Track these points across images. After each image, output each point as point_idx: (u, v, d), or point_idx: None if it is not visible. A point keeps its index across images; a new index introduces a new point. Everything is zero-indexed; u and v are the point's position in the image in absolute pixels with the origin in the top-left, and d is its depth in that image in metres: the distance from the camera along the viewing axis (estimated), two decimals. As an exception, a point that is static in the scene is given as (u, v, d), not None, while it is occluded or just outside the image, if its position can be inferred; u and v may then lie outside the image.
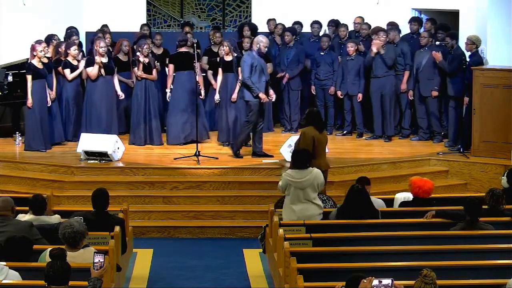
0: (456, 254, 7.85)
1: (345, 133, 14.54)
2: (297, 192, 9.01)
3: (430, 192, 9.28)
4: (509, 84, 12.34)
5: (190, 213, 11.33)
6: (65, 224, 7.27)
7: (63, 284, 6.21)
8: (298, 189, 9.00)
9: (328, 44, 14.51)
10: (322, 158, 10.39)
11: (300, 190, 9.00)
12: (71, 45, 13.50)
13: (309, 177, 9.02)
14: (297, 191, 9.01)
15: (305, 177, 9.00)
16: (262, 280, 9.45)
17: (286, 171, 9.27)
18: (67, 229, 7.21)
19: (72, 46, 13.43)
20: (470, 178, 12.42)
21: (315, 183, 9.03)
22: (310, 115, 10.44)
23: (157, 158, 12.64)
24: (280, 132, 14.76)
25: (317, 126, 10.33)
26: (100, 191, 8.64)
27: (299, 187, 9.00)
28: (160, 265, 9.95)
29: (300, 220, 8.88)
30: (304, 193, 9.00)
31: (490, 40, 13.59)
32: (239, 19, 17.03)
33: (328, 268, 7.54)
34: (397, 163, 12.57)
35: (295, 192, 9.01)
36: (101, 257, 6.53)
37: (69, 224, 7.25)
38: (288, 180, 9.04)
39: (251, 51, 12.45)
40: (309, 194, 9.01)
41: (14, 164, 12.30)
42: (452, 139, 13.34)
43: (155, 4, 17.07)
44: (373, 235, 8.42)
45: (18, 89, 13.59)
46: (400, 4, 15.50)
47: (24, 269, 7.03)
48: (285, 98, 14.77)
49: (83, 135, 12.59)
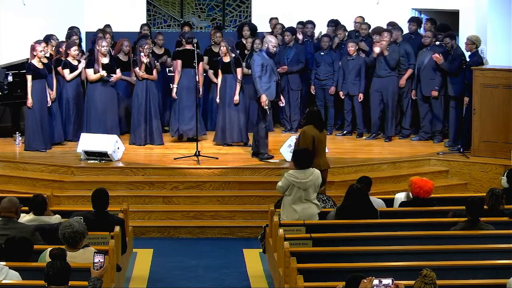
0: (456, 254, 7.85)
1: (345, 133, 14.54)
2: (299, 193, 9.01)
3: (431, 192, 9.29)
4: (509, 84, 12.34)
5: (190, 213, 11.34)
6: (65, 224, 7.26)
7: (63, 284, 6.21)
8: (301, 190, 9.01)
9: (328, 44, 14.51)
10: (322, 157, 10.39)
11: (302, 191, 9.01)
12: (71, 45, 13.50)
13: (312, 178, 9.03)
14: (300, 192, 9.01)
15: (308, 177, 9.01)
16: (262, 280, 9.45)
17: (287, 171, 9.26)
18: (67, 229, 7.20)
19: (73, 47, 13.44)
20: (470, 178, 12.42)
21: (316, 183, 9.05)
22: (310, 114, 10.44)
23: (157, 158, 12.64)
24: (280, 132, 14.75)
25: (317, 125, 10.31)
26: (100, 191, 8.64)
27: (302, 188, 9.00)
28: (160, 265, 9.95)
29: (301, 219, 8.89)
30: (306, 194, 9.01)
31: (490, 40, 13.60)
32: (239, 19, 17.03)
33: (328, 268, 7.54)
34: (397, 163, 12.57)
35: (298, 192, 9.01)
36: (101, 257, 6.52)
37: (69, 224, 7.24)
38: (292, 181, 9.03)
39: (260, 51, 12.42)
40: (310, 194, 9.03)
41: (14, 164, 12.30)
42: (452, 139, 13.34)
43: (155, 4, 17.07)
44: (373, 235, 8.42)
45: (18, 89, 13.59)
46: (400, 4, 15.50)
47: (24, 269, 7.03)
48: (285, 98, 14.74)
49: (83, 135, 12.59)
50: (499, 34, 13.59)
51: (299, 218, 8.93)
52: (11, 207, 7.89)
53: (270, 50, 12.24)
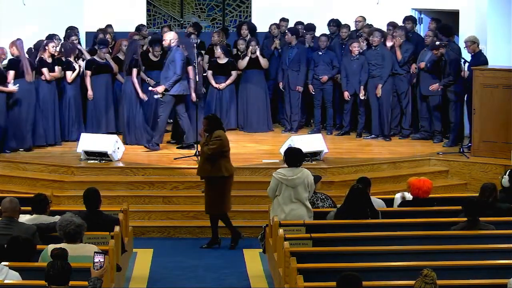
0: (456, 254, 7.85)
1: (343, 133, 14.52)
2: (288, 191, 9.02)
3: (429, 191, 9.29)
4: (509, 84, 12.34)
5: (190, 213, 11.34)
6: (65, 222, 7.29)
7: (64, 284, 6.22)
8: (289, 188, 9.02)
9: (326, 43, 14.49)
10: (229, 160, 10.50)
11: (291, 189, 9.02)
12: (49, 42, 13.33)
13: (300, 175, 9.04)
14: (289, 190, 9.02)
15: (297, 175, 9.03)
16: (262, 280, 9.45)
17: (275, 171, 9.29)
18: (69, 226, 7.26)
19: (51, 43, 13.29)
20: (470, 178, 12.41)
21: (306, 181, 9.04)
22: (212, 120, 10.42)
23: (157, 158, 12.64)
24: (280, 132, 14.75)
25: (223, 128, 10.48)
26: (91, 190, 8.63)
27: (290, 185, 9.01)
28: (160, 265, 9.95)
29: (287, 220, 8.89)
30: (295, 192, 9.01)
31: (490, 40, 13.60)
32: (239, 19, 17.04)
33: (328, 268, 7.54)
34: (397, 163, 12.57)
35: (287, 191, 9.02)
36: (101, 257, 6.53)
37: (69, 221, 7.29)
38: (279, 178, 9.05)
39: (178, 47, 12.73)
40: (301, 193, 9.02)
41: (14, 164, 12.30)
42: (452, 139, 13.35)
43: (155, 4, 17.08)
44: (373, 235, 8.42)
45: (18, 89, 13.56)
46: (400, 4, 15.49)
47: (25, 269, 7.03)
48: (285, 98, 14.76)
49: (83, 135, 12.60)
50: (499, 34, 13.58)
51: (285, 218, 8.94)
52: (14, 207, 7.93)
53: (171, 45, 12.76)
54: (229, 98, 14.62)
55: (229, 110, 14.65)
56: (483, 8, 13.78)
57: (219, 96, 14.54)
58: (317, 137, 12.70)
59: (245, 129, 14.72)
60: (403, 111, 14.21)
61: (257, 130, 14.64)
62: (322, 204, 9.48)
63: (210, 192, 10.35)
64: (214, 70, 14.41)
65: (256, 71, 14.59)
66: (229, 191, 10.40)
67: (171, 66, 12.66)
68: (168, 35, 12.98)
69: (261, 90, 14.68)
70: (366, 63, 14.06)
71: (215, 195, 10.29)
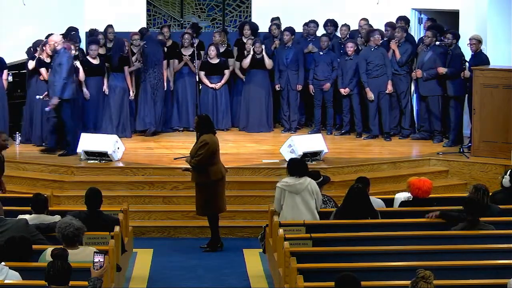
0: (456, 254, 7.85)
1: (343, 133, 14.52)
2: (292, 197, 9.01)
3: (429, 191, 9.29)
4: (509, 84, 12.34)
5: (190, 213, 11.32)
6: (64, 225, 7.29)
7: (64, 284, 6.22)
8: (293, 194, 9.01)
9: (327, 43, 14.50)
10: (220, 162, 10.43)
11: (295, 195, 9.01)
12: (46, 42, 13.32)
13: (303, 181, 9.06)
14: (292, 197, 9.01)
15: (298, 181, 9.04)
16: (262, 280, 9.45)
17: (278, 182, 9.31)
18: (68, 229, 7.24)
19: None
20: (470, 178, 12.40)
21: (310, 188, 9.04)
22: (203, 120, 10.36)
23: (157, 158, 12.64)
24: (280, 132, 14.75)
25: (213, 131, 10.41)
26: (92, 190, 8.64)
27: (293, 192, 9.01)
28: (160, 265, 9.95)
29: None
30: (301, 199, 9.00)
31: (490, 40, 13.59)
32: (239, 19, 17.03)
33: (328, 268, 7.53)
34: (397, 163, 12.57)
35: (290, 197, 9.02)
36: (101, 257, 6.53)
37: (68, 224, 7.27)
38: (282, 185, 9.08)
39: (65, 49, 12.60)
40: (308, 200, 9.02)
41: (14, 164, 12.29)
42: (451, 139, 13.35)
43: (155, 4, 17.07)
44: (373, 235, 8.42)
45: (18, 89, 13.60)
46: (400, 4, 15.49)
47: (24, 269, 7.03)
48: (285, 98, 14.75)
49: (83, 135, 12.59)
50: (499, 34, 13.58)
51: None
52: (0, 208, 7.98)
53: None
54: (225, 97, 14.68)
55: (225, 110, 14.68)
56: (483, 8, 13.78)
57: (215, 96, 14.60)
58: (317, 137, 12.70)
59: (246, 129, 14.71)
60: (403, 111, 14.22)
61: (258, 130, 14.63)
62: (324, 206, 9.47)
63: (198, 194, 10.35)
64: (207, 70, 14.55)
65: (260, 71, 14.59)
66: (220, 193, 10.36)
67: (58, 69, 12.50)
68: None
69: (264, 91, 14.67)
70: (364, 62, 14.00)
71: (204, 198, 10.28)
